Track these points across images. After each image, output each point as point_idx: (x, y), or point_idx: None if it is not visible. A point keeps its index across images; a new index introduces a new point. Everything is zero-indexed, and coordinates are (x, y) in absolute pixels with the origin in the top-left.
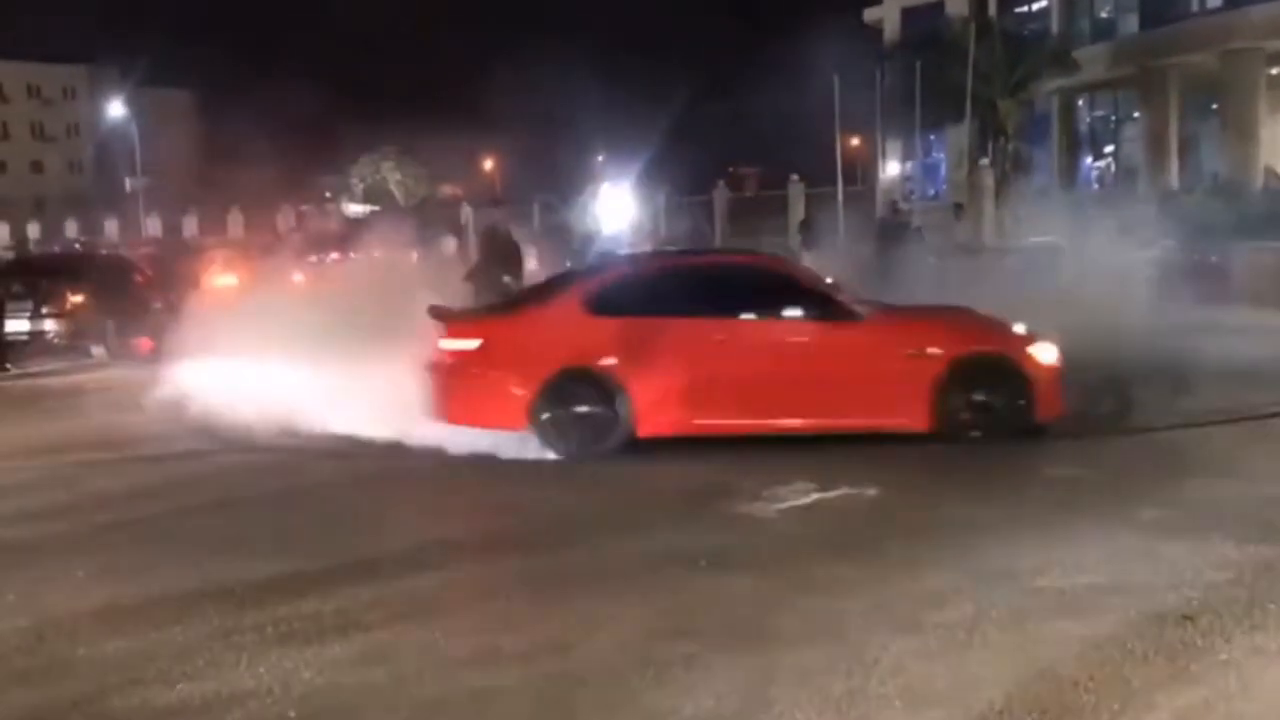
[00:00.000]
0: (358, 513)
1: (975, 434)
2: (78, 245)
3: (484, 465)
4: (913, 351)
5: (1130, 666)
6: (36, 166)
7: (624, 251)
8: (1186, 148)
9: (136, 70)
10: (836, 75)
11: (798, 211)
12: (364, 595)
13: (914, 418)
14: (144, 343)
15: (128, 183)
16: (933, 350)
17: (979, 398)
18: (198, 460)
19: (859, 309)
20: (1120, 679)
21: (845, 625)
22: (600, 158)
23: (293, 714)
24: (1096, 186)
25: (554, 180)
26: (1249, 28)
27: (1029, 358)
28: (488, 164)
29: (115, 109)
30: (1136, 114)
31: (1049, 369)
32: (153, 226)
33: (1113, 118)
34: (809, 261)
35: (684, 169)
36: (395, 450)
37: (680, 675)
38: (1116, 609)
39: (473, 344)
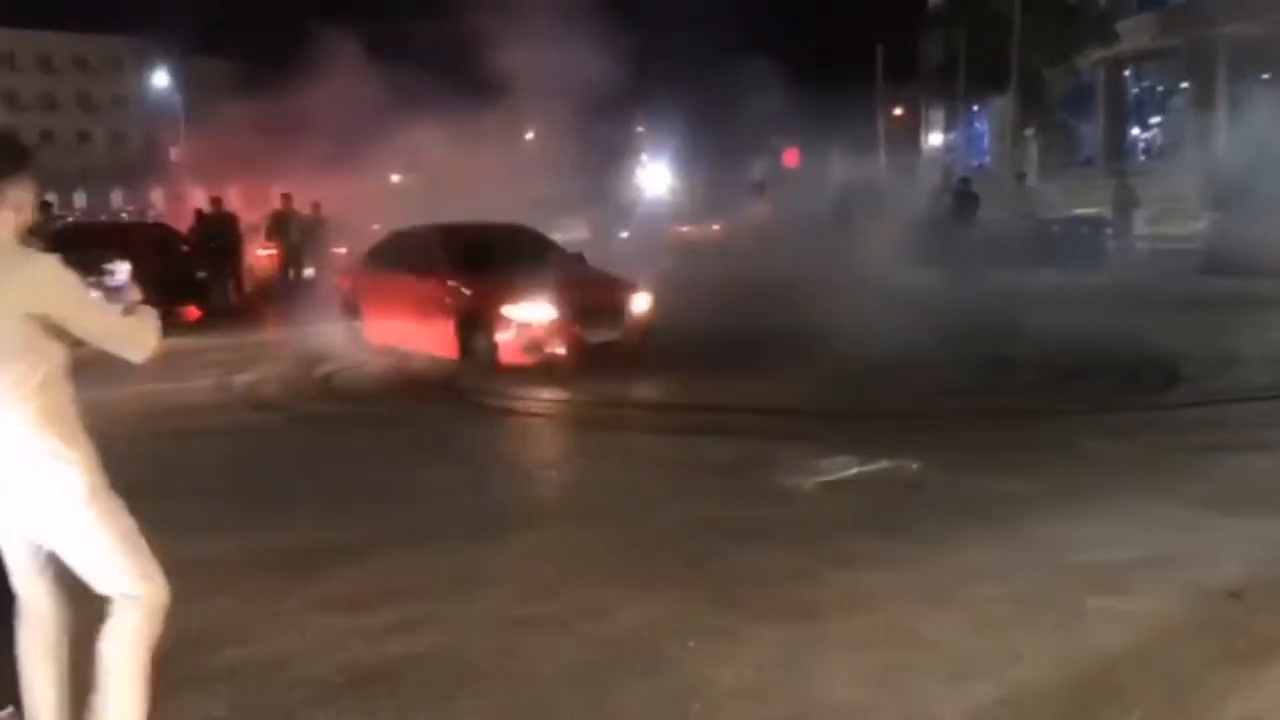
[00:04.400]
0: (397, 479)
1: None
2: (124, 215)
3: (521, 433)
4: None
5: (1176, 643)
6: (84, 137)
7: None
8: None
9: (182, 41)
10: (880, 45)
11: (837, 182)
12: (405, 564)
13: None
14: (190, 311)
15: (172, 153)
16: None
17: None
18: (244, 426)
19: None
20: (1166, 657)
21: (884, 599)
22: (640, 129)
23: (339, 680)
24: (1143, 158)
25: (593, 150)
26: None
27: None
28: (528, 136)
29: (160, 79)
30: (1184, 84)
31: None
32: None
33: (1159, 88)
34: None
35: (722, 140)
36: (432, 415)
37: (718, 645)
38: (1160, 585)
39: None
